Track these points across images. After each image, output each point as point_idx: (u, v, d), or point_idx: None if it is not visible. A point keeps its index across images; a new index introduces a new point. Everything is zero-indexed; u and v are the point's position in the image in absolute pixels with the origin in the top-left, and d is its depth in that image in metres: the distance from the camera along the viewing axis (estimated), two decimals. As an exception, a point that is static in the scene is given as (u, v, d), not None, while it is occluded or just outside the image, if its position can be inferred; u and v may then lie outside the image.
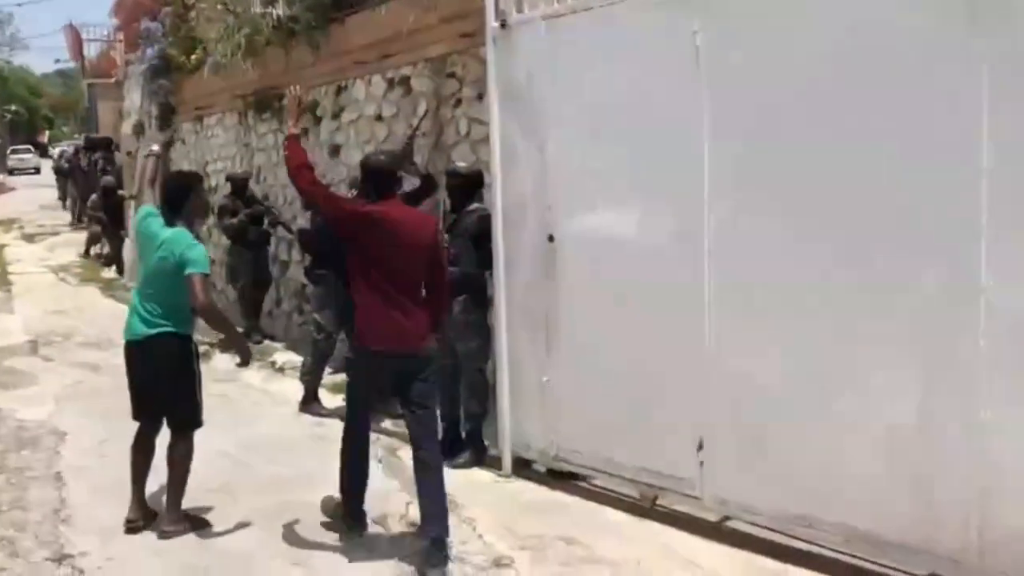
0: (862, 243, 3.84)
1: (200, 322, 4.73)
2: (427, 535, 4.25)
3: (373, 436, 5.27)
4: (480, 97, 6.45)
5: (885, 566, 3.94)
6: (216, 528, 4.77)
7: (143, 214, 4.81)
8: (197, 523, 4.78)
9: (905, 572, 3.90)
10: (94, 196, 17.14)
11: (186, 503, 4.77)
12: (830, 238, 3.94)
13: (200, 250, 4.56)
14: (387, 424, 6.38)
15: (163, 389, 4.66)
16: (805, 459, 4.07)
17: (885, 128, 3.74)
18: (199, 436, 4.79)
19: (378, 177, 4.50)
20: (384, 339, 4.30)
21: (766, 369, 4.20)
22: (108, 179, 17.48)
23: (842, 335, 3.93)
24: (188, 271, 4.46)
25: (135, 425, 4.83)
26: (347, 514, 4.64)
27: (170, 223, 4.62)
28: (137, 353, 4.68)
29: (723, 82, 4.23)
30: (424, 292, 4.43)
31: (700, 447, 4.45)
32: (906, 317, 3.73)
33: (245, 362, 4.86)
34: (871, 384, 3.85)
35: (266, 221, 9.44)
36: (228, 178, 10.08)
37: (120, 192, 16.18)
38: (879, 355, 3.82)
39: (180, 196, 4.68)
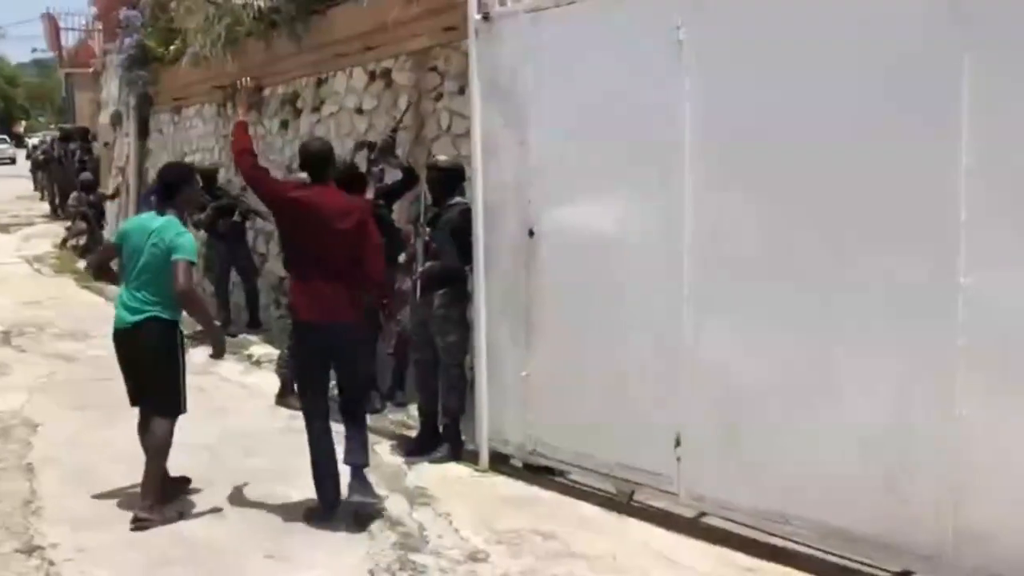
0: (841, 241, 3.86)
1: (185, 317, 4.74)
2: (346, 462, 4.68)
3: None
4: (462, 91, 6.43)
5: (859, 563, 3.96)
6: (190, 520, 4.74)
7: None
8: (178, 486, 4.86)
9: (879, 569, 3.92)
10: (75, 193, 17.04)
11: (160, 495, 4.74)
12: (809, 236, 3.95)
13: (188, 238, 4.69)
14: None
15: (147, 373, 4.71)
16: (782, 456, 4.08)
17: (867, 125, 3.75)
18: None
19: (312, 162, 4.77)
20: (311, 310, 4.62)
21: (744, 366, 4.20)
22: (86, 175, 17.38)
23: (819, 333, 3.94)
24: (174, 257, 4.59)
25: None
26: (319, 497, 4.68)
27: (161, 212, 4.76)
28: (124, 339, 4.75)
29: (706, 77, 4.24)
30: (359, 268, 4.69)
31: (677, 443, 4.45)
32: (883, 316, 3.75)
33: (219, 353, 4.95)
34: (848, 382, 3.86)
35: (237, 213, 9.36)
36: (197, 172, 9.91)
37: (101, 191, 16.13)
38: (857, 353, 3.84)
39: (173, 186, 4.85)
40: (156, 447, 4.70)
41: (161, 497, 4.73)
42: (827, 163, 3.86)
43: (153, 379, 4.71)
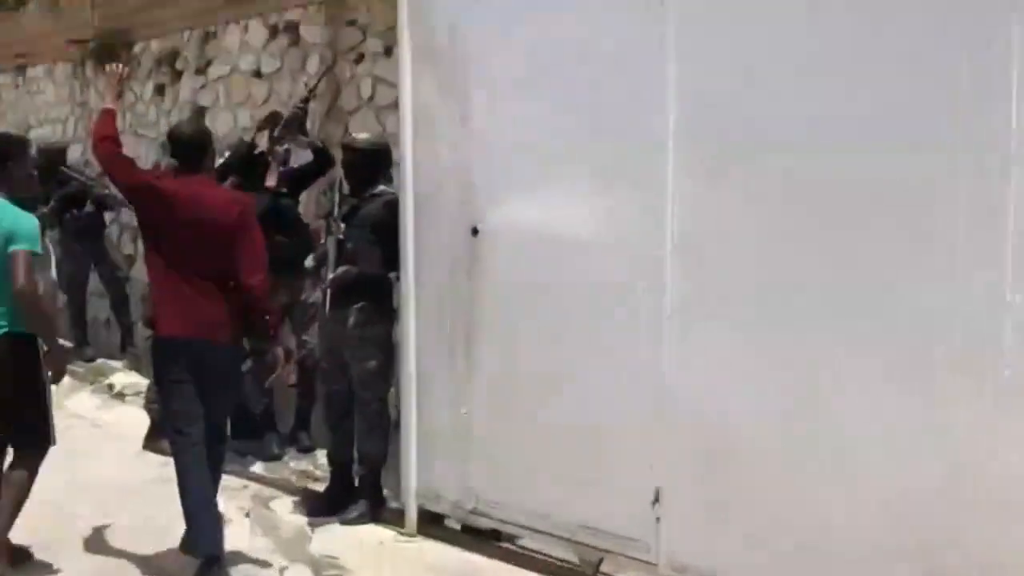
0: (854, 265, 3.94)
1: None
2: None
3: (240, 483, 5.27)
4: (388, 52, 6.46)
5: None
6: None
7: None
8: (19, 556, 4.85)
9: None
10: None
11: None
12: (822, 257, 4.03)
13: (30, 223, 4.73)
14: (257, 468, 6.34)
15: (7, 401, 4.72)
16: (782, 516, 4.11)
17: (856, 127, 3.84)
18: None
19: (181, 150, 4.96)
20: (174, 325, 4.77)
21: (737, 409, 4.23)
22: None
23: (821, 375, 3.99)
24: (12, 247, 4.61)
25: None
26: (198, 555, 4.71)
27: None
28: None
29: (694, 34, 4.27)
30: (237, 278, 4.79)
31: (656, 500, 4.49)
32: (907, 350, 3.79)
33: (57, 377, 4.97)
34: (853, 428, 3.91)
35: (89, 201, 9.17)
36: (39, 150, 8.85)
37: None
38: (859, 397, 3.90)
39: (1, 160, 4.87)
40: (17, 486, 4.73)
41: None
42: (821, 166, 3.93)
43: (14, 408, 4.74)
